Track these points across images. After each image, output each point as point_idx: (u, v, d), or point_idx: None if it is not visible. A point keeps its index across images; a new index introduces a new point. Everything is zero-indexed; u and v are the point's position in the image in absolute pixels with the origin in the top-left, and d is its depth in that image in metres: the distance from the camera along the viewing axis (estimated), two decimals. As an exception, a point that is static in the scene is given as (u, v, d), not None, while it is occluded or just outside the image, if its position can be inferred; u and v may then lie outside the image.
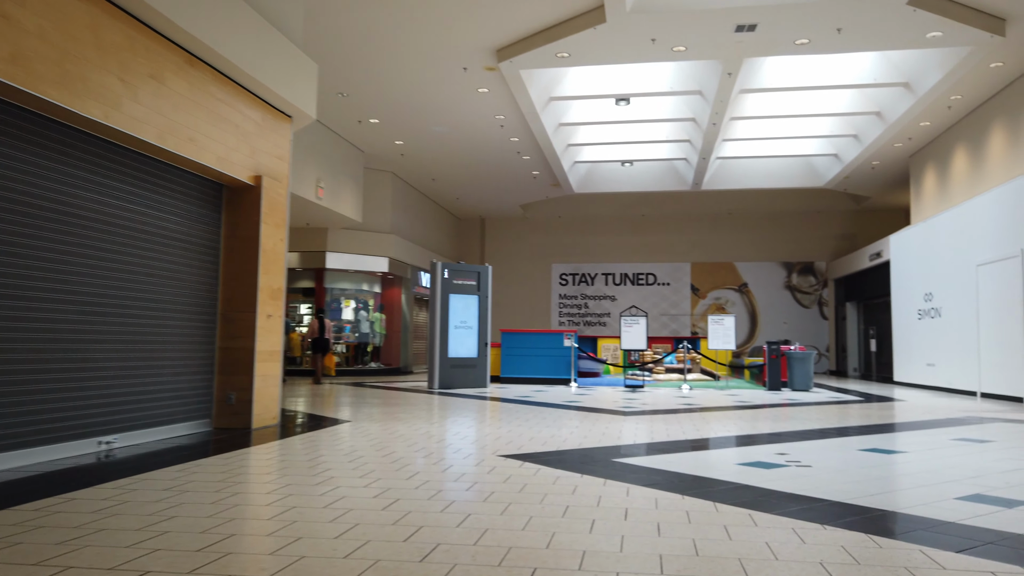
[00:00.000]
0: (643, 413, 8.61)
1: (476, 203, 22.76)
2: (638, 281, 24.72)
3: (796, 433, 6.76)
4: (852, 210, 23.24)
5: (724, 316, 13.84)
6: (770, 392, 12.87)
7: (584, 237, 25.00)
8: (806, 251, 23.97)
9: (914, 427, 7.42)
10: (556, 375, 14.55)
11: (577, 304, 24.92)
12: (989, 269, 11.73)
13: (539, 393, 11.87)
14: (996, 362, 11.46)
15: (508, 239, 25.32)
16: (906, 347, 15.69)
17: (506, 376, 14.65)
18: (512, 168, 18.38)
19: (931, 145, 15.45)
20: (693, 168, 17.93)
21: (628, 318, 13.89)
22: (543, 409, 9.00)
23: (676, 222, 24.55)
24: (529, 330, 14.70)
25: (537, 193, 21.32)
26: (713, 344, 13.79)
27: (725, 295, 24.29)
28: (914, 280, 15.22)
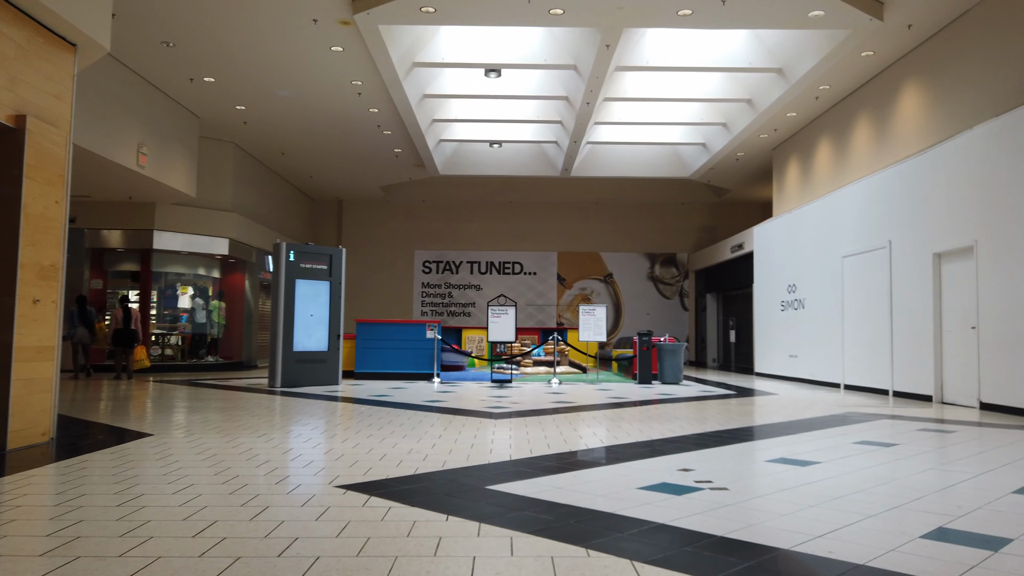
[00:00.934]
0: (515, 414, 7.58)
1: (332, 183, 20.99)
2: (504, 270, 23.89)
3: (690, 439, 5.94)
4: (713, 203, 23.55)
5: (595, 306, 13.15)
6: (641, 386, 12.30)
7: (449, 223, 23.83)
8: (669, 242, 24.08)
9: (804, 427, 6.85)
10: (417, 369, 13.31)
11: (441, 293, 23.73)
12: (855, 260, 11.70)
13: (398, 391, 10.60)
14: (860, 354, 11.44)
15: (368, 223, 23.70)
16: (768, 338, 15.75)
17: (361, 371, 13.24)
18: (372, 144, 16.87)
19: (796, 137, 15.54)
20: (563, 152, 17.20)
21: (496, 308, 12.89)
22: (401, 412, 7.76)
23: (544, 210, 23.92)
24: (388, 320, 13.37)
25: (399, 174, 19.90)
26: (584, 336, 13.06)
27: (591, 285, 23.96)
28: (777, 271, 15.27)
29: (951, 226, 9.21)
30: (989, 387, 8.40)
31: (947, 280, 9.40)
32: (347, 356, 13.65)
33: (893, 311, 10.48)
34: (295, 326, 11.21)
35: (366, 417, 7.27)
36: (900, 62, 11.33)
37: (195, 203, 15.70)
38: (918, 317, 9.89)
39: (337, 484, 4.03)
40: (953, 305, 9.25)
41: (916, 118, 11.00)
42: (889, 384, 10.55)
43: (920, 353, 9.83)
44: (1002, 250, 8.25)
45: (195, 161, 14.79)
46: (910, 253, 10.13)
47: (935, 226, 9.56)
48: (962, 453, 5.29)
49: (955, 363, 9.19)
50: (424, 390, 10.85)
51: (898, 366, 10.34)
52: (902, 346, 10.26)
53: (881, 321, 10.80)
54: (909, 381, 10.10)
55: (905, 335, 10.20)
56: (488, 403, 8.83)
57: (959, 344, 9.10)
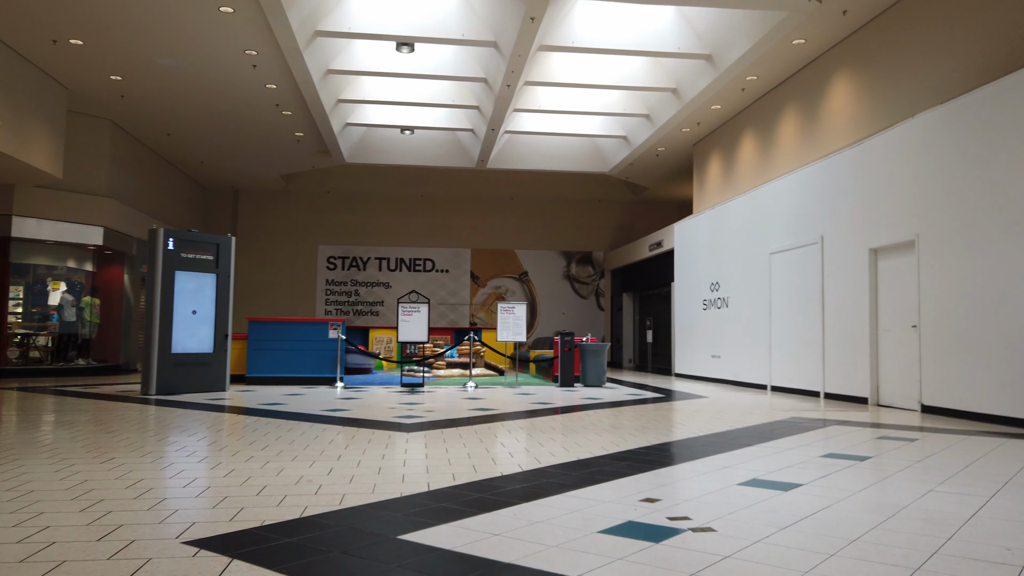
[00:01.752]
0: (430, 425, 6.55)
1: (227, 170, 19.25)
2: (415, 267, 22.71)
3: (638, 456, 5.08)
4: (630, 200, 23.15)
5: (515, 304, 12.23)
6: (563, 389, 11.47)
7: (356, 216, 22.44)
8: (585, 240, 23.53)
9: (756, 437, 6.14)
10: (318, 373, 12.02)
11: (347, 291, 22.31)
12: (784, 257, 11.27)
13: (295, 398, 9.34)
14: (788, 355, 11.00)
15: (267, 215, 22.00)
16: (688, 338, 15.29)
17: (254, 376, 11.84)
18: (270, 127, 15.39)
19: (719, 131, 15.14)
20: (480, 142, 16.23)
21: (407, 305, 11.77)
22: (296, 424, 6.58)
23: (457, 205, 22.88)
24: (284, 319, 12.03)
25: (302, 161, 18.41)
26: (502, 336, 12.12)
27: (505, 284, 23.11)
28: (699, 269, 14.82)
29: (890, 220, 8.79)
30: (931, 389, 7.99)
31: (884, 277, 8.99)
32: (237, 358, 12.21)
33: (825, 309, 10.05)
34: (174, 324, 9.74)
35: (251, 432, 6.06)
36: (832, 51, 10.97)
37: (63, 186, 13.82)
38: (852, 316, 9.47)
39: (187, 539, 2.89)
40: (891, 303, 8.84)
41: (848, 109, 10.64)
42: (820, 386, 10.11)
43: (854, 353, 9.40)
44: (946, 244, 7.85)
45: (61, 137, 12.95)
46: (844, 249, 9.71)
47: (872, 220, 9.15)
48: (949, 467, 4.64)
49: (893, 364, 8.78)
50: (325, 396, 9.63)
51: (830, 367, 9.91)
52: (835, 346, 9.83)
53: (812, 320, 10.37)
54: (842, 383, 9.67)
55: (838, 335, 9.77)
56: (398, 411, 7.74)
57: (897, 344, 8.69)
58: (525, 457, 4.92)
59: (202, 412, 7.68)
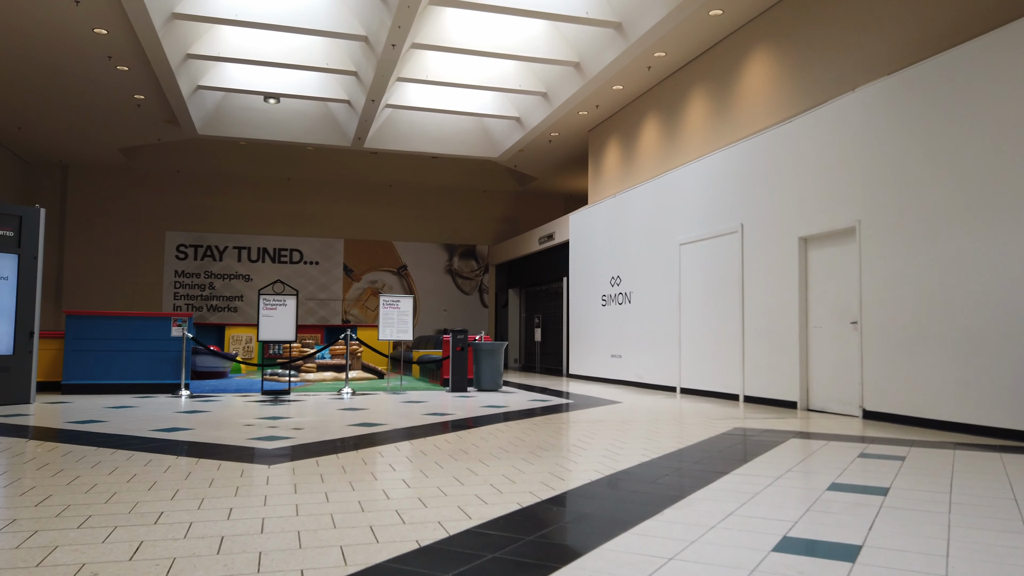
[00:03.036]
0: (299, 452, 4.92)
1: (51, 139, 16.32)
2: (280, 258, 20.48)
3: (598, 501, 3.74)
4: (517, 192, 22.02)
5: (399, 297, 10.64)
6: (456, 395, 10.03)
7: (211, 200, 19.91)
8: (469, 233, 22.17)
9: (726, 462, 4.99)
10: (158, 379, 9.90)
11: (200, 284, 19.75)
12: (695, 248, 10.38)
13: (122, 412, 7.33)
14: (701, 355, 10.12)
15: (104, 196, 19.04)
16: (585, 337, 14.26)
17: (73, 383, 9.56)
18: (102, 85, 12.91)
19: (619, 116, 14.19)
20: (358, 116, 14.45)
21: (271, 298, 9.91)
22: (110, 456, 4.75)
23: (330, 190, 20.85)
24: (114, 313, 9.82)
25: (145, 132, 15.86)
26: (385, 334, 10.50)
27: (382, 278, 21.34)
28: (598, 263, 13.81)
29: (824, 205, 8.00)
30: (875, 392, 7.21)
31: (816, 268, 8.20)
32: (51, 362, 9.87)
33: (745, 304, 9.20)
34: (-47, 319, 7.46)
35: (41, 472, 4.20)
36: (751, 24, 10.18)
37: None
38: (777, 311, 8.65)
39: None
40: (823, 297, 8.06)
41: (768, 88, 9.87)
42: (739, 389, 9.26)
43: (779, 353, 8.58)
44: (893, 231, 7.08)
45: None
46: (768, 238, 8.89)
47: (802, 206, 8.34)
48: (1003, 504, 3.62)
49: (825, 364, 8.00)
50: (163, 409, 7.67)
51: (751, 368, 9.07)
52: (756, 345, 9.00)
53: (729, 316, 9.51)
54: (765, 385, 8.84)
55: (760, 332, 8.94)
56: (257, 429, 6.02)
57: (831, 342, 7.90)
58: (439, 509, 3.44)
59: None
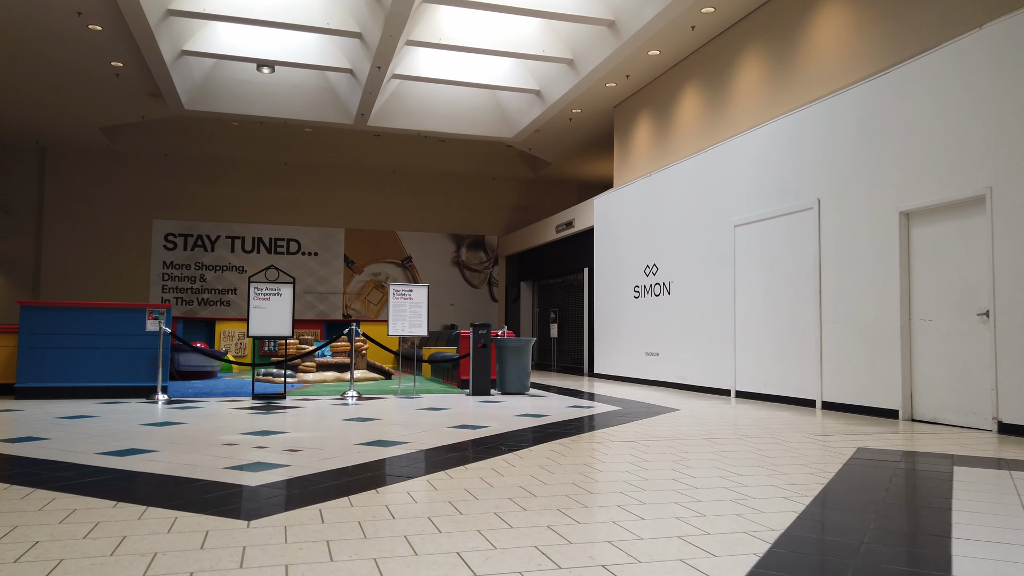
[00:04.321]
0: (291, 494, 3.50)
1: (25, 117, 14.87)
2: (277, 249, 19.05)
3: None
4: (528, 179, 20.60)
5: (412, 287, 9.23)
6: (479, 399, 8.61)
7: (202, 186, 18.47)
8: (477, 223, 20.75)
9: (919, 503, 3.59)
10: (132, 381, 8.46)
11: (190, 276, 18.32)
12: (755, 230, 8.97)
13: (73, 425, 5.90)
14: (764, 351, 8.71)
15: (84, 181, 17.60)
16: (612, 332, 12.85)
17: (29, 385, 8.12)
18: (75, 49, 11.47)
19: (651, 88, 12.76)
20: (361, 87, 13.00)
21: (263, 286, 8.49)
22: (18, 498, 3.33)
23: (329, 176, 19.41)
24: (76, 303, 8.37)
25: (126, 108, 14.42)
26: (396, 328, 9.07)
27: (386, 270, 19.93)
28: (629, 250, 12.40)
29: (935, 172, 6.58)
30: (1014, 400, 5.80)
31: (923, 249, 6.79)
32: (5, 361, 8.45)
33: (823, 294, 7.80)
34: None
35: None
36: (824, -31, 8.77)
37: None
38: (868, 301, 7.24)
39: None
40: (933, 284, 6.65)
41: (846, 41, 8.45)
42: (816, 393, 7.86)
43: (872, 352, 7.17)
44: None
45: None
46: (855, 215, 7.47)
47: (903, 175, 6.92)
48: None
49: (937, 365, 6.58)
50: (129, 420, 6.24)
51: (830, 369, 7.67)
52: (837, 341, 7.59)
53: (800, 308, 8.11)
54: (850, 390, 7.43)
55: (843, 327, 7.53)
56: (240, 452, 4.60)
57: (945, 339, 6.50)
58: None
59: None
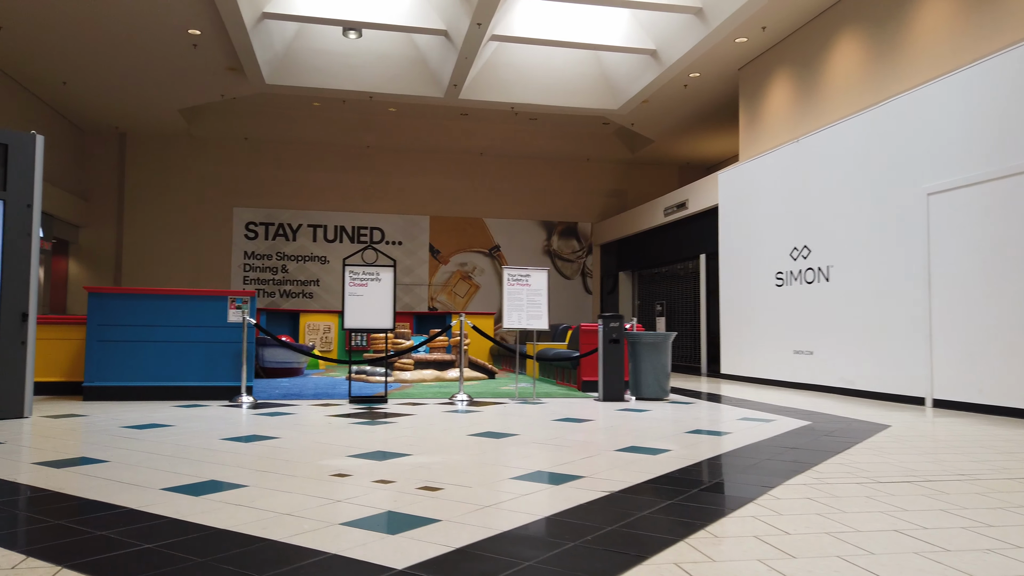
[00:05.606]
0: (438, 552, 2.10)
1: (102, 98, 14.14)
2: (360, 237, 17.99)
3: None
4: (625, 161, 18.94)
5: (531, 270, 7.80)
6: (616, 406, 7.12)
7: (282, 171, 17.54)
8: (570, 209, 19.22)
9: None
10: (212, 380, 7.31)
11: (272, 267, 17.44)
12: (960, 198, 7.17)
13: (141, 439, 4.70)
14: (980, 350, 6.92)
15: (165, 167, 16.90)
16: (745, 327, 11.14)
17: (98, 385, 7.05)
18: (151, 20, 10.48)
19: (792, 40, 10.96)
20: (456, 51, 11.66)
21: (360, 271, 7.22)
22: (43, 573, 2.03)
23: (413, 160, 18.23)
24: (149, 290, 7.28)
25: (206, 86, 13.50)
26: (512, 319, 7.66)
27: (472, 260, 18.63)
28: (768, 231, 10.67)
29: None
30: None
31: None
32: (71, 358, 7.44)
33: (1076, 275, 5.98)
34: (-98, 293, 4.97)
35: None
36: None
37: None
38: None
39: None
40: None
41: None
42: (1065, 402, 6.05)
43: None
44: None
45: None
46: None
47: None
48: None
49: None
50: (209, 433, 5.01)
51: (1090, 371, 5.85)
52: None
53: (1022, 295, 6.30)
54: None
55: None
56: (359, 490, 3.23)
57: None
58: None
59: None
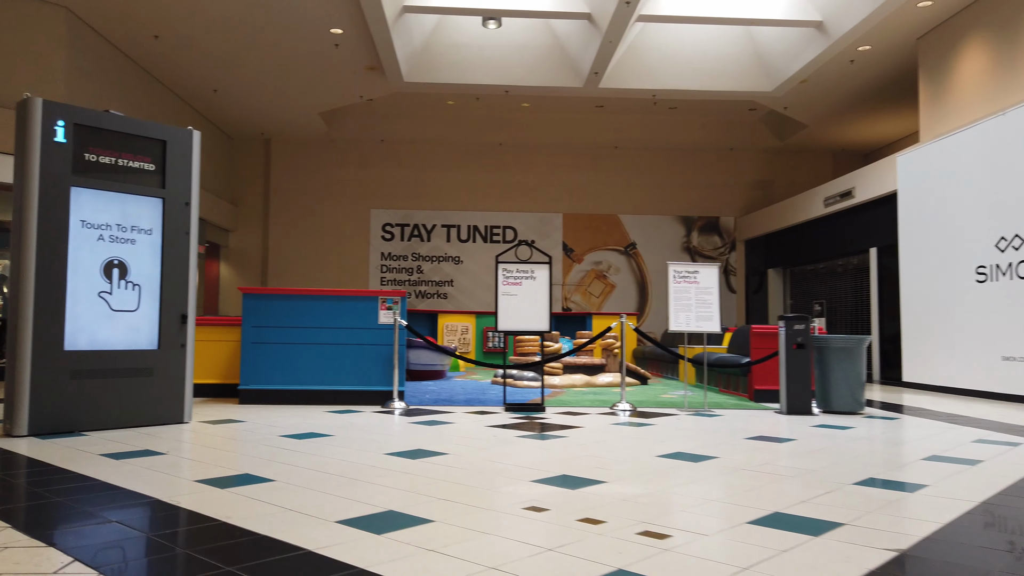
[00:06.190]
0: None
1: (250, 105, 14.51)
2: (492, 237, 17.67)
3: None
4: (772, 149, 17.59)
5: (700, 267, 7.00)
6: (802, 420, 6.22)
7: (417, 172, 17.49)
8: (711, 203, 18.08)
9: None
10: (361, 384, 7.00)
11: (407, 268, 17.44)
12: None
13: (300, 451, 4.34)
14: None
15: (305, 171, 17.25)
16: (934, 330, 9.79)
17: (252, 388, 6.90)
18: (294, 21, 10.49)
19: (986, 1, 9.54)
20: (601, 34, 10.98)
21: (514, 268, 6.69)
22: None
23: (546, 156, 17.70)
24: (299, 291, 7.08)
25: (345, 87, 13.53)
26: (679, 321, 6.89)
27: (608, 258, 17.89)
28: (964, 220, 9.29)
29: None
30: None
31: None
32: (224, 360, 7.35)
33: None
34: (70, 294, 4.87)
35: None
36: None
37: None
38: None
39: None
40: None
41: None
42: None
43: None
44: None
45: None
46: None
47: None
48: None
49: None
50: (371, 443, 4.60)
51: None
52: None
53: None
54: None
55: None
56: (566, 532, 2.64)
57: None
58: None
59: (90, 499, 2.72)
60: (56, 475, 3.54)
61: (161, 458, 4.04)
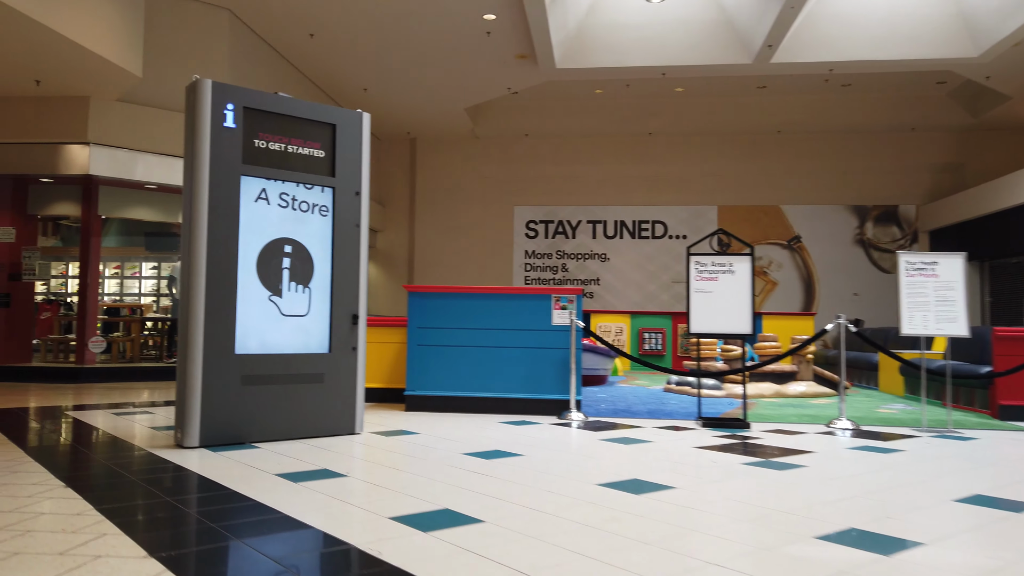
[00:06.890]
0: None
1: (397, 103, 14.35)
2: (641, 232, 16.69)
3: None
4: (963, 127, 15.51)
5: (938, 257, 5.81)
6: (1094, 448, 4.92)
7: (561, 167, 16.80)
8: (888, 190, 16.23)
9: None
10: (532, 392, 6.33)
11: (552, 266, 16.80)
12: None
13: (485, 474, 3.70)
14: None
15: (448, 169, 17.00)
16: None
17: (418, 394, 6.40)
18: (448, 8, 10.03)
19: None
20: (779, 4, 9.81)
21: (706, 261, 5.80)
22: None
23: (699, 145, 16.51)
24: (472, 289, 6.51)
25: (493, 80, 13.03)
26: (913, 324, 5.72)
27: (769, 253, 16.45)
28: None
29: None
30: None
31: None
32: (388, 361, 6.91)
33: None
34: (240, 295, 4.48)
35: None
36: None
37: (155, 102, 9.37)
38: None
39: None
40: None
41: None
42: None
43: None
44: None
45: (137, 18, 8.40)
46: None
47: None
48: None
49: None
50: (567, 467, 3.87)
51: None
52: None
53: None
54: None
55: None
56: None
57: None
58: None
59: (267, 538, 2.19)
60: (233, 503, 3.04)
61: (343, 481, 3.49)
